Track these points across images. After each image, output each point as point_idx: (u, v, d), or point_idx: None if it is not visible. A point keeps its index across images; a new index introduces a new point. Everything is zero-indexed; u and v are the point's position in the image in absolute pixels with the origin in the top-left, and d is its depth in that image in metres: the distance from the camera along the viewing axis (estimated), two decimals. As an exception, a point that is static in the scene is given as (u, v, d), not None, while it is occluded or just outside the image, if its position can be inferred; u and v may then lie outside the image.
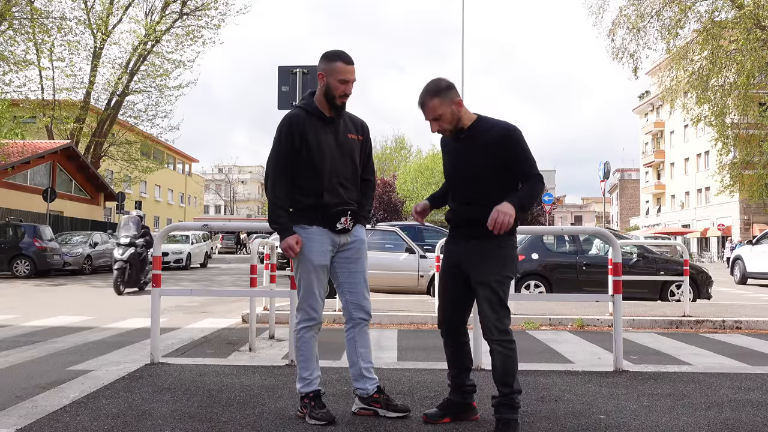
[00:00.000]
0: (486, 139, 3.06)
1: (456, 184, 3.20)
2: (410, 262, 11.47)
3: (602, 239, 9.88)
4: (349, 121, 3.42)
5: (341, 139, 3.34)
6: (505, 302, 3.05)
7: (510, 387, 3.01)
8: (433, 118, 3.10)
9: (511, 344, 3.02)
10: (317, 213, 3.28)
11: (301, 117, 3.29)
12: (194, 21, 28.41)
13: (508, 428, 2.99)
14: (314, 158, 3.25)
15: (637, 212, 70.58)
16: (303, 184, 3.28)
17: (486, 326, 3.04)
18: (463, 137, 3.13)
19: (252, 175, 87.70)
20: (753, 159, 24.71)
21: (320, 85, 3.31)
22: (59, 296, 12.75)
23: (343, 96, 3.28)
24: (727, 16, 21.02)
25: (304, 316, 3.32)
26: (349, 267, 3.38)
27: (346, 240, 3.37)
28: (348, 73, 3.26)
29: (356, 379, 3.39)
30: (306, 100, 3.38)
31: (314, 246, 3.27)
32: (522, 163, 3.04)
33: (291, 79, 9.46)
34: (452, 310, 3.25)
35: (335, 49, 3.35)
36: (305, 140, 3.25)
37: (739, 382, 4.26)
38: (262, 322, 7.64)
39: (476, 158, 3.07)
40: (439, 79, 3.14)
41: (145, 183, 45.78)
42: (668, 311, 8.94)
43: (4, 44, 21.72)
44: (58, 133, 29.67)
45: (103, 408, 3.49)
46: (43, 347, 6.23)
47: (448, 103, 3.06)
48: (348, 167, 3.35)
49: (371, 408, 3.34)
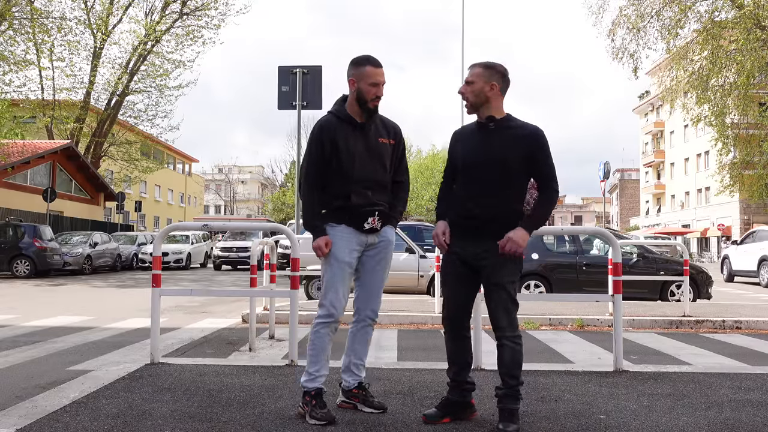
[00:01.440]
0: (517, 133, 3.14)
1: (473, 175, 3.17)
2: (410, 262, 11.47)
3: (602, 239, 9.89)
4: (381, 125, 3.46)
5: (372, 144, 3.38)
6: (516, 300, 3.15)
7: (517, 379, 3.11)
8: (467, 82, 3.20)
9: (520, 339, 3.15)
10: (345, 213, 3.34)
11: (332, 123, 3.36)
12: (194, 21, 28.45)
13: (513, 418, 3.07)
14: (343, 164, 3.32)
15: (637, 212, 70.59)
16: (333, 187, 3.36)
17: (498, 325, 3.12)
18: (492, 126, 3.18)
19: (252, 175, 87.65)
20: (753, 159, 24.73)
21: (351, 91, 3.37)
22: (59, 296, 12.75)
23: (375, 99, 3.33)
24: (727, 16, 21.02)
25: (323, 312, 3.36)
26: (371, 266, 3.44)
27: (374, 240, 3.42)
28: (377, 75, 3.32)
29: (344, 370, 3.51)
30: (338, 105, 3.44)
31: (340, 243, 3.33)
32: (543, 167, 3.14)
33: (291, 79, 9.47)
34: (457, 305, 3.28)
35: (363, 54, 3.41)
36: (335, 147, 3.32)
37: (739, 382, 4.26)
38: (262, 322, 7.64)
39: (505, 148, 3.12)
40: (501, 65, 3.23)
41: (145, 183, 45.77)
42: (668, 311, 8.94)
43: (4, 44, 21.73)
44: (58, 133, 29.68)
45: (103, 408, 3.49)
46: (43, 347, 6.24)
47: (486, 79, 3.16)
48: (378, 171, 3.39)
49: (351, 402, 3.47)
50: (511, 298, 3.12)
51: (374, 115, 3.39)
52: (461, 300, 3.27)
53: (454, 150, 3.31)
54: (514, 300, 3.14)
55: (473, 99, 3.18)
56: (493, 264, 3.11)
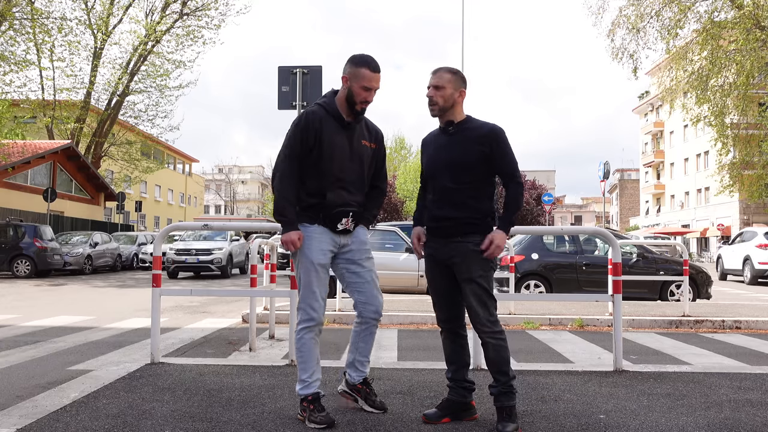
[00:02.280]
0: (474, 135, 3.20)
1: (437, 179, 3.26)
2: (410, 262, 11.48)
3: (602, 239, 9.89)
4: (365, 127, 3.44)
5: (354, 144, 3.36)
6: (491, 293, 3.17)
7: (507, 375, 3.13)
8: (436, 86, 3.24)
9: (502, 334, 3.17)
10: (319, 212, 3.29)
11: (319, 115, 3.30)
12: (194, 21, 28.47)
13: (511, 416, 3.10)
14: (323, 159, 3.26)
15: (636, 212, 70.57)
16: (308, 182, 3.29)
17: (476, 321, 3.15)
18: (452, 131, 3.26)
19: (252, 175, 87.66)
20: (752, 159, 24.75)
21: (343, 88, 3.32)
22: (60, 296, 12.76)
23: (363, 103, 3.30)
24: (726, 16, 21.02)
25: (303, 316, 3.31)
26: (353, 268, 3.40)
27: (346, 241, 3.38)
28: (373, 81, 3.28)
29: (348, 366, 3.51)
30: (328, 98, 3.37)
31: (314, 244, 3.28)
32: (506, 163, 3.20)
33: (291, 79, 9.46)
34: (447, 305, 3.32)
35: (363, 54, 3.33)
36: (319, 140, 3.26)
37: (739, 382, 4.26)
38: (263, 322, 7.64)
39: (462, 152, 3.19)
40: (461, 71, 3.33)
41: (145, 183, 45.78)
42: (668, 311, 8.95)
43: (4, 44, 21.74)
44: (58, 133, 29.68)
45: (103, 408, 3.49)
46: (44, 347, 6.24)
47: (456, 86, 3.25)
48: (355, 171, 3.36)
49: (352, 395, 3.47)
50: (485, 292, 3.14)
51: (360, 117, 3.37)
52: (448, 298, 3.30)
53: (423, 156, 3.41)
54: (490, 294, 3.16)
55: (443, 104, 3.24)
56: (461, 261, 3.16)
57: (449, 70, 3.27)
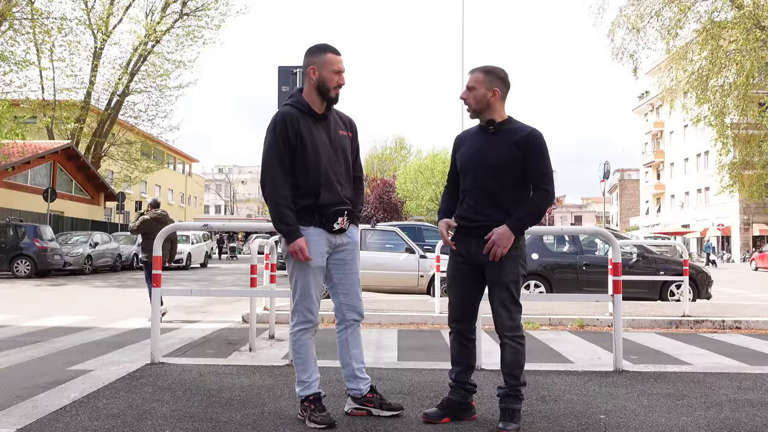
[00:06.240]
0: (514, 136, 3.17)
1: (477, 177, 3.20)
2: (410, 262, 11.48)
3: (602, 239, 9.89)
4: (338, 118, 3.41)
5: (333, 136, 3.32)
6: (518, 300, 3.16)
7: (518, 379, 3.13)
8: (468, 87, 3.24)
9: (522, 339, 3.16)
10: (314, 213, 3.25)
11: (293, 115, 3.24)
12: (194, 21, 28.46)
13: (513, 418, 3.09)
14: (310, 156, 3.22)
15: (636, 212, 70.55)
16: (300, 183, 3.23)
17: (500, 323, 3.14)
18: (492, 130, 3.22)
19: (252, 175, 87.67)
20: (753, 159, 24.73)
21: (311, 81, 3.26)
22: (59, 296, 12.76)
23: (337, 87, 3.26)
24: (726, 16, 21.00)
25: (300, 318, 3.28)
26: (344, 269, 3.37)
27: (341, 240, 3.35)
28: (339, 63, 3.26)
29: (349, 379, 3.38)
30: (296, 97, 3.32)
31: (312, 247, 3.23)
32: (537, 167, 3.14)
33: (291, 79, 9.45)
34: (463, 307, 3.29)
35: (320, 42, 3.32)
36: (301, 139, 3.21)
37: (739, 382, 4.26)
38: (263, 322, 7.64)
39: (500, 153, 3.15)
40: (500, 68, 3.27)
41: (146, 183, 45.73)
42: (668, 311, 8.95)
43: (4, 44, 21.75)
44: (58, 133, 29.67)
45: (103, 408, 3.49)
46: (44, 347, 6.24)
47: (488, 85, 3.19)
48: (341, 164, 3.34)
49: (365, 408, 3.34)
50: (511, 297, 3.12)
51: (332, 106, 3.33)
52: (467, 301, 3.28)
53: (456, 153, 3.37)
54: (515, 300, 3.14)
55: (475, 105, 3.22)
56: (491, 262, 3.13)
57: (483, 70, 3.22)
